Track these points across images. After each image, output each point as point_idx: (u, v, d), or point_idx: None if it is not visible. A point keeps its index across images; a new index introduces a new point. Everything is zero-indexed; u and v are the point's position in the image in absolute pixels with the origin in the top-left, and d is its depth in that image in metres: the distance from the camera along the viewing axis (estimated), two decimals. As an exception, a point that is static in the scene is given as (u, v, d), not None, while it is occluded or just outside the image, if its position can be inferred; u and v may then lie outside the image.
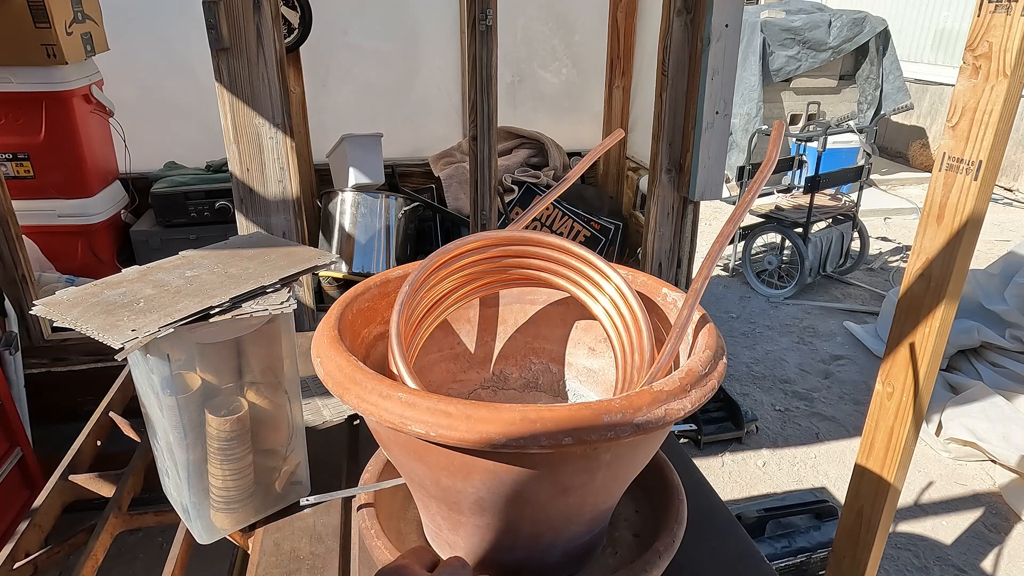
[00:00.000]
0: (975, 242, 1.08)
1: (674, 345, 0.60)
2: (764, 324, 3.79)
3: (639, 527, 0.73)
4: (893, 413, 1.22)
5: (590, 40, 3.53)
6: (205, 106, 3.01)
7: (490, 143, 2.03)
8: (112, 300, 0.67)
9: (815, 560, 1.91)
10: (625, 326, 0.68)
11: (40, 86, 2.52)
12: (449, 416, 0.49)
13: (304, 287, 1.94)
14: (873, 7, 6.61)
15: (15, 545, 0.81)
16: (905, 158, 7.10)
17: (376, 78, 3.47)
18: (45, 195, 2.66)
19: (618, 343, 0.69)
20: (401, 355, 0.60)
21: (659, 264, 2.24)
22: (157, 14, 3.13)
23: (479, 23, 1.90)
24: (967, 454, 2.69)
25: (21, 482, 1.96)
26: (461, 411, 0.49)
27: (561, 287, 0.73)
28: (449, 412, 0.49)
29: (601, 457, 0.53)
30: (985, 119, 1.01)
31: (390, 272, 0.72)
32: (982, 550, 2.25)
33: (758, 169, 0.64)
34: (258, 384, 0.76)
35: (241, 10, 1.62)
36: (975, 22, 1.00)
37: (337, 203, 2.80)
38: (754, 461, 2.67)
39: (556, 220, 3.26)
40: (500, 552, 0.61)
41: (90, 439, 1.02)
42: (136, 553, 2.08)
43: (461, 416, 0.48)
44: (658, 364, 0.60)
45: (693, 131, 2.03)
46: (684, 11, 1.96)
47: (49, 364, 2.19)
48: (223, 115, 1.71)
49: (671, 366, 0.61)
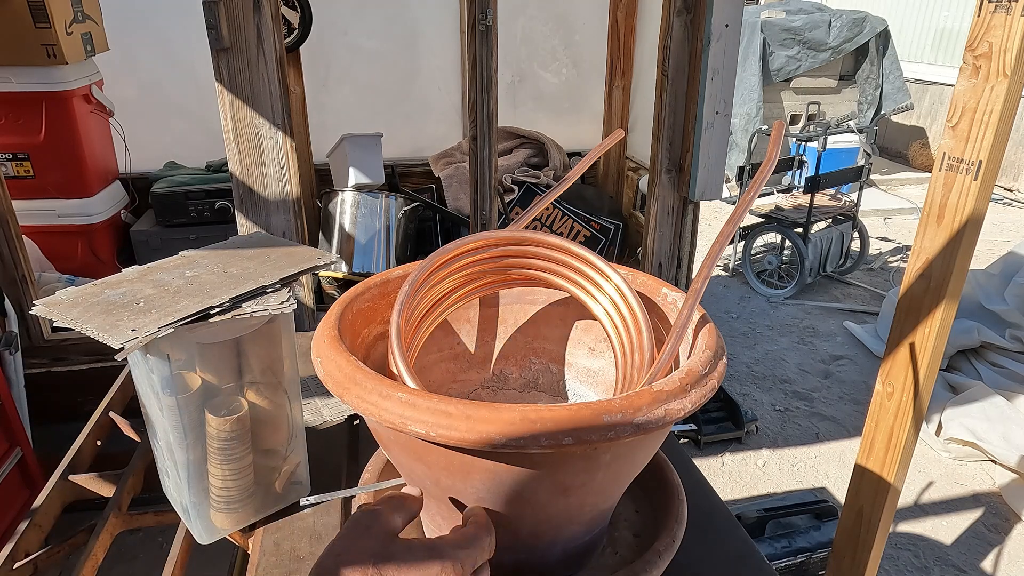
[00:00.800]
0: (975, 242, 1.08)
1: (674, 345, 0.60)
2: (764, 324, 3.79)
3: (639, 527, 0.73)
4: (893, 413, 1.22)
5: (590, 40, 3.53)
6: (205, 106, 3.01)
7: (490, 143, 2.03)
8: (112, 300, 0.67)
9: (815, 560, 1.91)
10: (625, 326, 0.68)
11: (40, 86, 2.52)
12: (449, 416, 0.49)
13: (304, 287, 1.94)
14: (873, 7, 6.61)
15: (15, 545, 0.81)
16: (905, 158, 7.10)
17: (376, 78, 3.47)
18: (45, 195, 2.66)
19: (618, 343, 0.69)
20: (401, 355, 0.60)
21: (659, 264, 2.24)
22: (157, 14, 3.13)
23: (479, 23, 1.90)
24: (967, 454, 2.69)
25: (21, 482, 1.96)
26: (461, 411, 0.49)
27: (561, 287, 0.73)
28: (449, 412, 0.49)
29: (601, 457, 0.53)
30: (985, 119, 1.01)
31: (390, 272, 0.72)
32: (982, 550, 2.25)
33: (758, 169, 0.64)
34: (258, 384, 0.76)
35: (241, 10, 1.62)
36: (975, 22, 1.00)
37: (337, 203, 2.80)
38: (754, 461, 2.67)
39: (556, 220, 3.26)
40: (500, 552, 0.61)
41: (90, 439, 1.02)
42: (136, 553, 2.08)
43: (461, 416, 0.48)
44: (658, 364, 0.60)
45: (693, 131, 2.03)
46: (684, 11, 1.96)
47: (49, 364, 2.19)
48: (223, 115, 1.71)
49: (671, 366, 0.61)
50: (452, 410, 0.49)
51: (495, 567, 0.63)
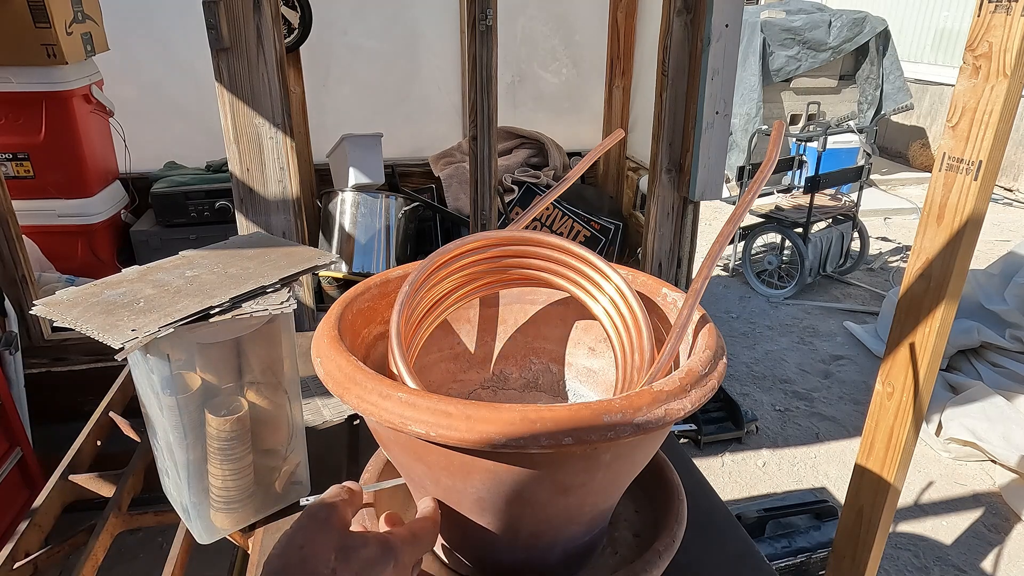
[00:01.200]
0: (975, 242, 1.08)
1: (674, 345, 0.60)
2: (764, 324, 3.79)
3: (639, 527, 0.73)
4: (893, 413, 1.22)
5: (590, 40, 3.53)
6: (205, 106, 3.01)
7: (490, 143, 2.03)
8: (112, 300, 0.67)
9: (815, 560, 1.91)
10: (625, 326, 0.68)
11: (40, 86, 2.52)
12: (449, 416, 0.49)
13: (304, 287, 1.94)
14: (873, 7, 6.61)
15: (15, 545, 0.81)
16: (905, 158, 7.10)
17: (376, 78, 3.47)
18: (45, 195, 2.66)
19: (618, 343, 0.69)
20: (401, 355, 0.60)
21: (659, 264, 2.24)
22: (157, 14, 3.13)
23: (479, 23, 1.90)
24: (967, 454, 2.69)
25: (21, 482, 1.96)
26: (461, 411, 0.49)
27: (562, 287, 0.73)
28: (449, 412, 0.49)
29: (601, 457, 0.53)
30: (985, 119, 1.01)
31: (390, 272, 0.72)
32: (982, 550, 2.25)
33: (758, 169, 0.65)
34: (258, 384, 0.76)
35: (241, 10, 1.62)
36: (975, 22, 1.00)
37: (337, 203, 2.80)
38: (754, 461, 2.67)
39: (556, 220, 3.26)
40: (500, 552, 0.61)
41: (90, 439, 1.02)
42: (136, 553, 2.08)
43: (461, 416, 0.48)
44: (658, 364, 0.60)
45: (693, 131, 2.03)
46: (684, 11, 1.96)
47: (49, 364, 2.19)
48: (223, 115, 1.71)
49: (671, 366, 0.61)
50: (452, 410, 0.49)
51: (495, 567, 0.63)
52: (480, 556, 0.63)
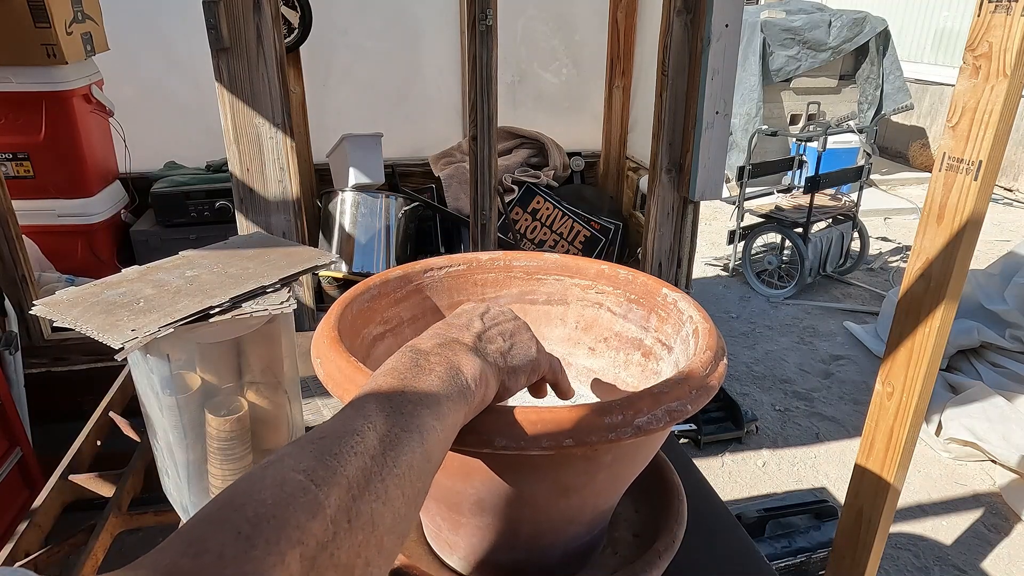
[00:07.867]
0: (975, 242, 1.08)
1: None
2: (764, 324, 3.79)
3: (639, 527, 0.73)
4: (893, 413, 1.22)
5: (590, 40, 3.53)
6: (205, 106, 3.01)
7: (490, 143, 2.03)
8: (112, 300, 0.67)
9: (815, 560, 1.91)
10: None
11: (40, 86, 2.52)
12: (449, 416, 0.48)
13: (304, 287, 1.94)
14: (873, 7, 6.60)
15: (15, 545, 0.81)
16: (905, 158, 7.10)
17: (376, 78, 3.47)
18: (45, 195, 2.66)
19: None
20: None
21: (659, 264, 2.24)
22: (157, 14, 3.13)
23: (479, 23, 1.90)
24: (967, 454, 2.69)
25: (21, 482, 1.96)
26: (461, 411, 0.48)
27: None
28: (449, 412, 0.49)
29: (602, 458, 0.53)
30: (985, 119, 1.01)
31: (390, 272, 0.72)
32: (982, 550, 2.25)
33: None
34: (258, 384, 0.76)
35: (241, 10, 1.62)
36: (975, 22, 1.00)
37: (337, 203, 2.80)
38: (754, 461, 2.67)
39: (556, 220, 3.27)
40: (500, 552, 0.61)
41: (90, 439, 1.02)
42: (136, 553, 2.07)
43: (461, 416, 0.48)
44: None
45: (693, 131, 2.03)
46: (684, 11, 1.96)
47: (49, 364, 2.19)
48: (223, 115, 1.71)
49: (672, 367, 0.61)
50: (452, 410, 0.49)
51: (495, 567, 0.63)
52: (480, 556, 0.63)
